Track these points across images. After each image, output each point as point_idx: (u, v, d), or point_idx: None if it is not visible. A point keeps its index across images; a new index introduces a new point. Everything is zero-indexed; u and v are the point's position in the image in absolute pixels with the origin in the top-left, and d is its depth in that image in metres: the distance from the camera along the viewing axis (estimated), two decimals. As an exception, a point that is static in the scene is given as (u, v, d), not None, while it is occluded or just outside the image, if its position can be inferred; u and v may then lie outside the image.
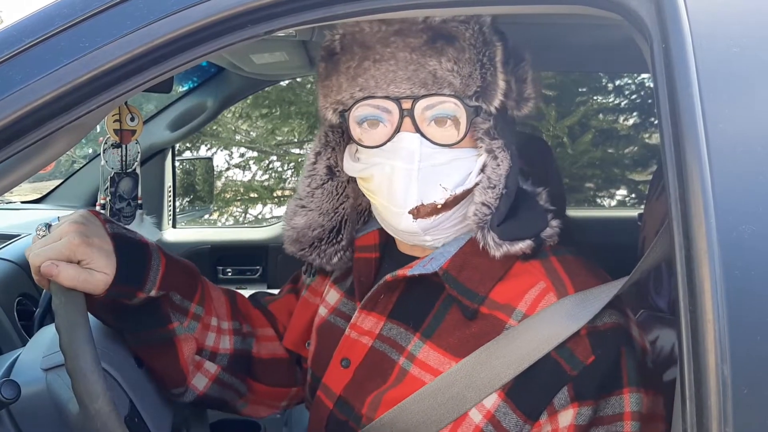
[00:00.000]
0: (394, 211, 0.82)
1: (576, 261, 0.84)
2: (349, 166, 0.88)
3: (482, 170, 0.83)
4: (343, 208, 0.96)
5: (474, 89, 0.80)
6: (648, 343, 0.82)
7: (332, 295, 1.01)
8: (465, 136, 0.80)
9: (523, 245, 0.81)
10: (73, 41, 0.64)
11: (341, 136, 0.94)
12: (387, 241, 0.95)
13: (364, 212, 1.00)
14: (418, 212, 0.81)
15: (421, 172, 0.80)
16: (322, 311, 1.00)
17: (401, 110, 0.80)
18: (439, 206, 0.81)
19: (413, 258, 0.90)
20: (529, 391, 0.77)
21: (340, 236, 0.96)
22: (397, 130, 0.80)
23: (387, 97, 0.80)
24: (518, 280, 0.82)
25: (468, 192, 0.83)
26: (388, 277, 0.87)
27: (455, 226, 0.86)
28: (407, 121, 0.80)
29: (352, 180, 0.94)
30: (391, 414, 0.83)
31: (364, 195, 0.93)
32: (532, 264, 0.83)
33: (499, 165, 0.81)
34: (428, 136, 0.80)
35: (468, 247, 0.85)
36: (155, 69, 0.64)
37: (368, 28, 0.82)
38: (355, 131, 0.84)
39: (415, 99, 0.79)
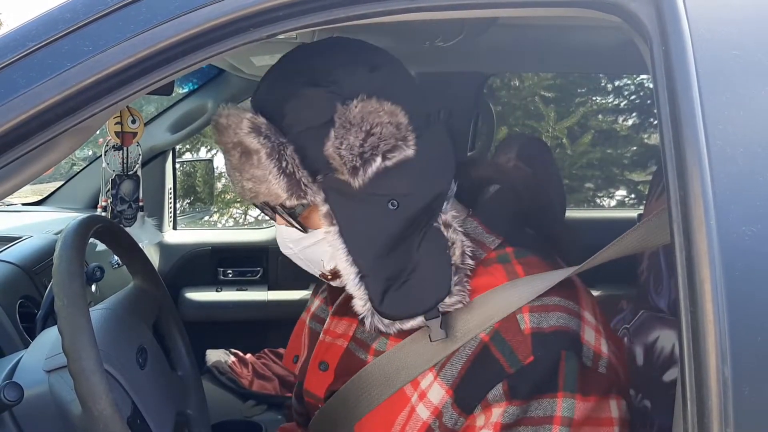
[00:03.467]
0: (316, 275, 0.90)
1: (539, 263, 0.83)
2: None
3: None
4: None
5: (283, 194, 0.79)
6: (605, 348, 0.80)
7: (315, 304, 1.05)
8: (301, 227, 0.85)
9: (414, 322, 0.79)
10: (76, 45, 0.64)
11: None
12: None
13: None
14: (326, 276, 0.88)
15: (299, 254, 0.88)
16: (308, 321, 1.05)
17: (265, 208, 0.86)
18: (329, 277, 0.88)
19: None
20: (470, 386, 0.78)
21: None
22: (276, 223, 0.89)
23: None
24: (480, 281, 0.81)
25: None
26: None
27: None
28: (276, 215, 0.87)
29: None
30: (336, 396, 0.88)
31: None
32: (494, 268, 0.82)
33: (338, 252, 0.80)
34: (282, 233, 0.88)
35: None
36: (158, 72, 0.65)
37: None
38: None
39: (262, 209, 0.87)
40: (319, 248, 0.84)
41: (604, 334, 0.82)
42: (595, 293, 0.88)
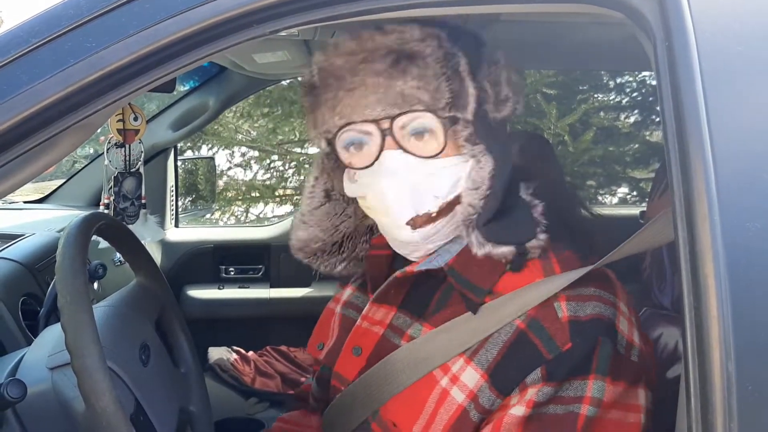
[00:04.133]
0: (392, 225, 0.88)
1: (574, 259, 0.85)
2: (348, 188, 0.93)
3: (470, 174, 0.86)
4: (345, 227, 1.01)
5: (444, 101, 0.83)
6: (637, 339, 0.83)
7: (346, 293, 1.07)
8: (444, 146, 0.84)
9: (505, 250, 0.83)
10: (79, 42, 0.64)
11: (335, 162, 0.97)
12: None
13: (371, 226, 1.04)
14: (415, 223, 0.86)
15: (411, 185, 0.85)
16: (338, 309, 1.06)
17: (381, 131, 0.85)
18: (434, 214, 0.86)
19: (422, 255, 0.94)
20: (508, 370, 0.81)
21: (342, 249, 1.02)
22: (381, 149, 0.85)
23: (365, 121, 0.85)
24: (519, 276, 0.85)
25: (457, 201, 0.86)
26: (398, 273, 0.92)
27: (454, 231, 0.90)
28: (389, 139, 0.85)
29: (354, 201, 0.99)
30: (361, 380, 0.90)
31: (366, 216, 0.98)
32: (532, 262, 0.86)
33: (482, 168, 0.85)
34: (410, 150, 0.84)
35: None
36: (161, 69, 0.65)
37: (338, 61, 0.87)
38: (344, 156, 0.89)
39: (392, 118, 0.84)
40: (442, 174, 0.85)
41: (636, 325, 0.85)
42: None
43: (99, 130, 0.84)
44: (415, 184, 0.85)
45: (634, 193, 4.56)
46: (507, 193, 0.86)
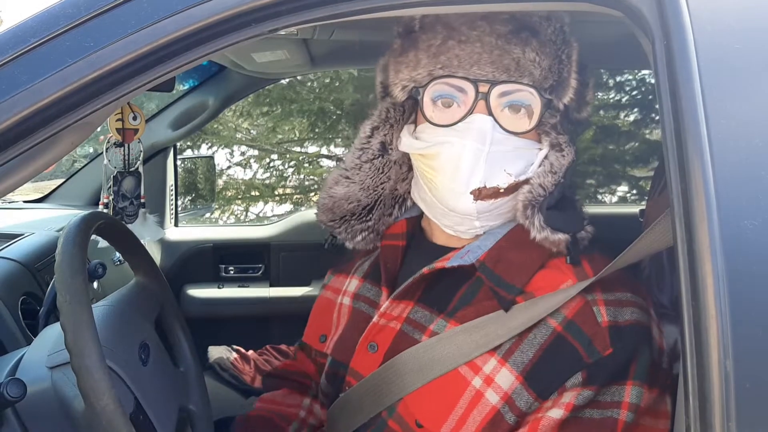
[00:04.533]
0: (456, 191, 0.84)
1: (603, 260, 0.85)
2: (409, 143, 0.90)
3: (542, 163, 0.86)
4: (383, 188, 0.98)
5: (550, 83, 0.83)
6: (665, 345, 0.84)
7: (352, 284, 1.04)
8: (536, 125, 0.83)
9: (561, 237, 0.83)
10: (78, 41, 0.64)
11: (402, 114, 0.95)
12: (414, 230, 0.98)
13: (398, 199, 1.01)
14: (479, 194, 0.83)
15: (489, 155, 0.82)
16: (346, 300, 1.03)
17: (477, 92, 0.82)
18: (501, 190, 0.84)
19: (443, 249, 0.92)
20: (547, 374, 0.80)
21: (371, 215, 0.98)
22: (471, 111, 0.83)
23: (466, 78, 0.82)
24: (550, 274, 0.85)
25: (523, 183, 0.85)
26: (425, 270, 0.89)
27: (505, 215, 0.88)
28: (481, 104, 0.82)
29: (397, 163, 0.96)
30: (383, 368, 0.88)
31: (403, 181, 0.96)
32: (562, 260, 0.85)
33: (564, 156, 0.85)
34: (500, 121, 0.83)
35: (503, 242, 0.88)
36: (160, 68, 0.65)
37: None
38: (428, 108, 0.86)
39: (494, 84, 0.82)
40: (522, 154, 0.84)
41: (662, 331, 0.86)
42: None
43: (98, 130, 0.84)
44: (494, 156, 0.82)
45: (634, 191, 4.56)
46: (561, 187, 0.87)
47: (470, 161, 0.82)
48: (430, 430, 0.83)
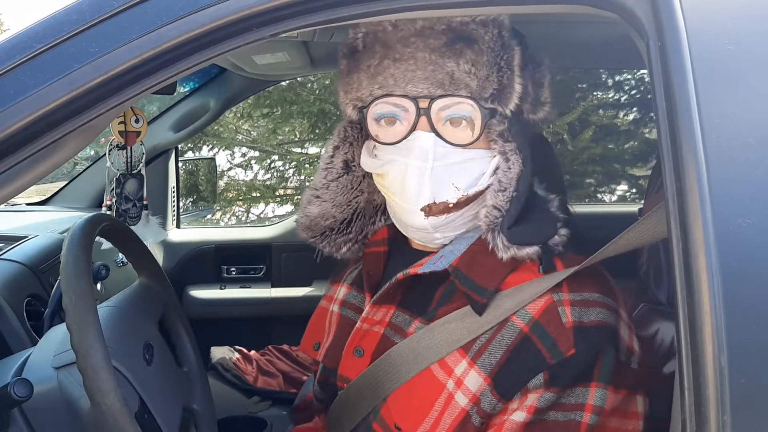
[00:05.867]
0: (406, 208, 0.85)
1: (577, 259, 0.85)
2: (366, 162, 0.91)
3: (495, 172, 0.84)
4: (357, 202, 0.99)
5: (490, 92, 0.82)
6: (637, 345, 0.83)
7: (341, 291, 1.05)
8: (479, 137, 0.82)
9: (530, 250, 0.82)
10: (83, 46, 0.65)
11: (359, 132, 0.96)
12: (396, 236, 0.98)
13: (379, 208, 1.02)
14: (430, 210, 0.83)
15: (434, 171, 0.82)
16: (335, 308, 1.04)
17: (418, 109, 0.82)
18: (451, 205, 0.83)
19: (422, 253, 0.93)
20: (511, 375, 0.80)
21: (350, 228, 0.99)
22: (413, 128, 0.83)
23: (405, 96, 0.82)
24: (522, 276, 0.85)
25: (480, 193, 0.84)
26: (399, 275, 0.90)
27: (465, 225, 0.88)
28: (423, 120, 0.82)
29: (368, 175, 0.97)
30: (361, 377, 0.89)
31: (378, 192, 0.95)
32: (534, 263, 0.85)
33: (510, 168, 0.83)
34: (443, 135, 0.82)
35: (476, 246, 0.87)
36: (164, 72, 0.66)
37: (390, 28, 0.84)
38: (373, 128, 0.86)
39: (432, 99, 0.81)
40: (469, 167, 0.83)
41: (634, 331, 0.84)
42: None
43: (99, 133, 0.85)
44: (439, 171, 0.82)
45: (634, 190, 4.56)
46: (529, 193, 0.86)
47: (415, 179, 0.82)
48: None
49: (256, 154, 5.20)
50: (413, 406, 0.85)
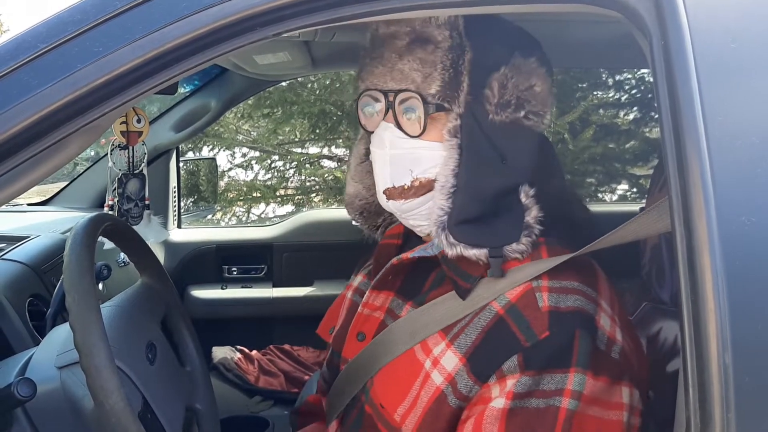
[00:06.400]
0: (377, 192, 0.94)
1: (562, 251, 0.86)
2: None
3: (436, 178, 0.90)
4: None
5: (435, 89, 0.87)
6: (620, 336, 0.83)
7: (357, 279, 1.12)
8: (424, 128, 0.88)
9: (477, 252, 0.85)
10: (86, 46, 0.65)
11: None
12: (410, 230, 1.02)
13: None
14: (390, 194, 0.92)
15: (393, 158, 0.90)
16: (349, 294, 1.11)
17: (387, 102, 0.91)
18: (407, 188, 0.90)
19: (423, 242, 0.99)
20: (485, 356, 0.83)
21: (383, 211, 1.05)
22: (382, 119, 0.92)
23: (378, 90, 0.91)
24: (508, 263, 0.86)
25: (433, 182, 0.90)
26: (394, 260, 0.97)
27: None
28: (390, 112, 0.91)
29: None
30: (357, 357, 0.96)
31: None
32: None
33: (446, 164, 0.88)
34: (402, 126, 0.90)
35: None
36: (166, 72, 0.66)
37: (380, 31, 0.93)
38: (361, 117, 0.96)
39: (396, 93, 0.89)
40: (421, 154, 0.89)
41: (620, 324, 0.85)
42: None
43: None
44: (396, 158, 0.90)
45: (634, 189, 4.56)
46: (498, 195, 0.86)
47: (380, 164, 0.92)
48: (389, 412, 0.89)
49: (257, 154, 5.20)
50: (395, 386, 0.90)
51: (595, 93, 4.48)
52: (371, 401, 0.93)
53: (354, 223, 1.12)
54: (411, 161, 0.90)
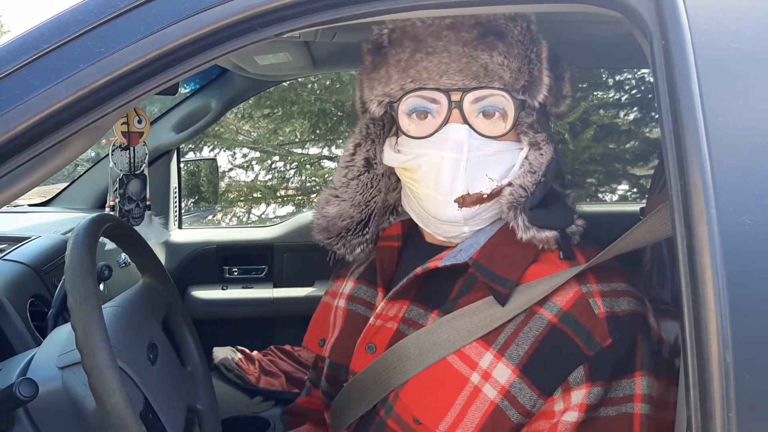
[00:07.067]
0: (439, 200, 0.85)
1: (597, 251, 0.84)
2: (391, 158, 0.91)
3: (522, 164, 0.86)
4: (374, 202, 0.98)
5: (522, 83, 0.84)
6: (663, 334, 0.84)
7: (347, 286, 1.05)
8: (512, 128, 0.84)
9: (549, 234, 0.83)
10: (88, 47, 0.65)
11: (382, 129, 0.96)
12: (410, 232, 0.99)
13: (389, 208, 1.03)
14: (463, 201, 0.84)
15: (468, 163, 0.83)
16: (341, 303, 1.04)
17: (450, 102, 0.83)
18: (485, 196, 0.85)
19: (437, 248, 0.93)
20: (546, 367, 0.79)
21: (367, 229, 0.99)
22: (446, 121, 0.84)
23: (437, 89, 0.83)
24: (543, 268, 0.85)
25: (508, 184, 0.86)
26: (419, 270, 0.90)
27: (492, 217, 0.89)
28: (455, 112, 0.83)
29: (386, 174, 0.98)
30: (370, 367, 0.89)
31: (393, 191, 0.97)
32: (555, 253, 0.85)
33: (542, 154, 0.85)
34: (475, 127, 0.83)
35: (495, 239, 0.88)
36: (168, 72, 0.66)
37: (419, 23, 0.85)
38: (404, 122, 0.87)
39: (465, 91, 0.82)
40: (499, 158, 0.85)
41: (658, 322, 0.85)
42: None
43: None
44: (473, 163, 0.83)
45: (635, 190, 4.56)
46: (546, 184, 0.87)
47: (450, 171, 0.83)
48: (428, 427, 0.83)
49: (257, 154, 5.21)
50: (432, 398, 0.84)
51: (595, 93, 4.48)
52: (397, 415, 0.87)
53: (327, 247, 1.02)
54: (491, 165, 0.84)
